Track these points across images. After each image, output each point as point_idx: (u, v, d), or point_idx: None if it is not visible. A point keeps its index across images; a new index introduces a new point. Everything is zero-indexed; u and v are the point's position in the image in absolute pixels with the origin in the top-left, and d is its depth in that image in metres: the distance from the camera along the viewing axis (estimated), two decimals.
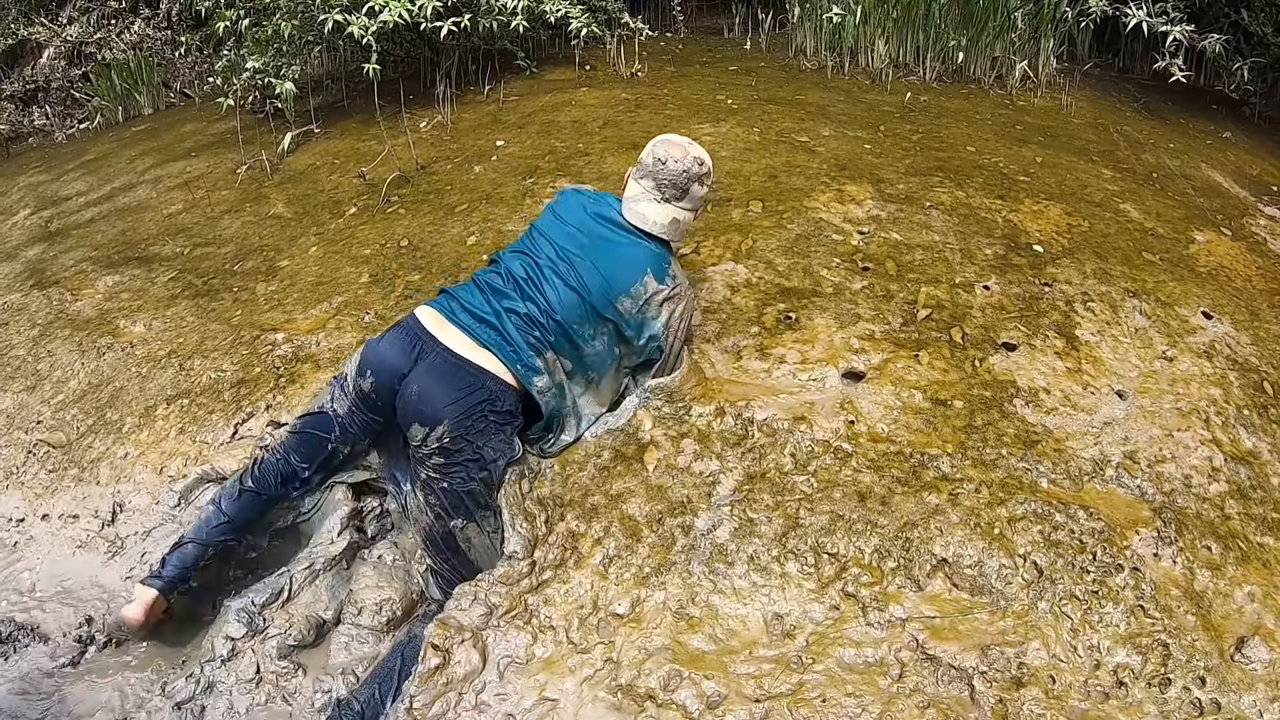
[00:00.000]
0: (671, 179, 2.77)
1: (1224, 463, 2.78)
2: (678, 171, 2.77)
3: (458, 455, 2.57)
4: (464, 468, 2.58)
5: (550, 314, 2.69)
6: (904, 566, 2.43)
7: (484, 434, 2.59)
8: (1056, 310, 3.22)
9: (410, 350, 2.64)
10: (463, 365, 2.61)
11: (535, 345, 2.67)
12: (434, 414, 2.56)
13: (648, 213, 2.79)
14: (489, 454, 2.61)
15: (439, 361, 2.61)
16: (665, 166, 2.77)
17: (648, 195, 2.79)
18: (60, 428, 3.41)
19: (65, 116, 7.80)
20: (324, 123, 5.43)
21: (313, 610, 2.73)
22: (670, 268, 2.80)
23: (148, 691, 2.63)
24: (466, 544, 2.63)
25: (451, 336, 2.66)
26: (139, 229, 4.70)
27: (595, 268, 2.73)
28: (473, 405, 2.57)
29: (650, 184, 2.79)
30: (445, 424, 2.55)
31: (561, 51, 6.07)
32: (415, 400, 2.58)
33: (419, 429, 2.58)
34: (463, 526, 2.61)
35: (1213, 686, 2.22)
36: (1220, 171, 4.69)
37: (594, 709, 2.23)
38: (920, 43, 5.56)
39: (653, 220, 2.79)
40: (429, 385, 2.58)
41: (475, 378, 2.60)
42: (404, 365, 2.63)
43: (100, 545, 3.03)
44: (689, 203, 2.83)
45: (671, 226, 2.82)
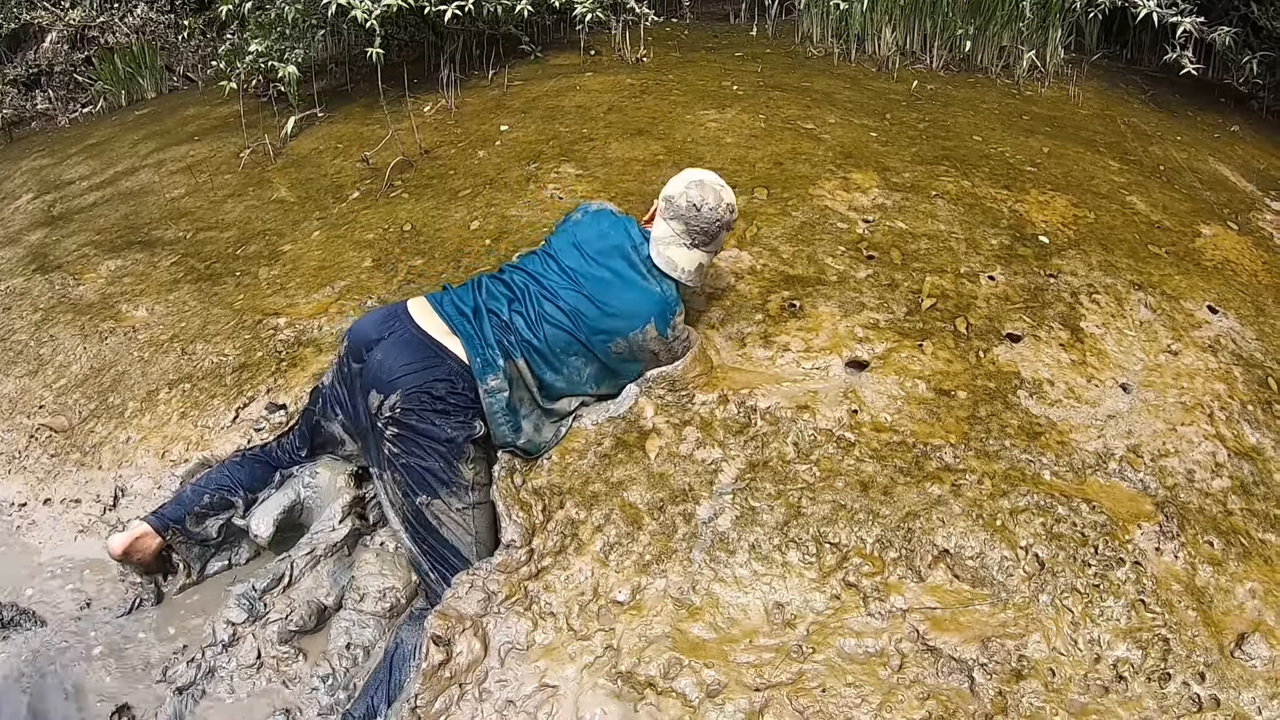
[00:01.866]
0: (704, 226, 2.73)
1: (1227, 458, 2.77)
2: (712, 220, 2.74)
3: (413, 428, 2.56)
4: (420, 443, 2.57)
5: (533, 329, 2.68)
6: (905, 557, 2.43)
7: (438, 411, 2.57)
8: (1061, 302, 3.21)
9: (385, 324, 2.66)
10: (427, 342, 2.62)
11: (505, 348, 2.65)
12: (390, 380, 2.56)
13: (677, 259, 2.75)
14: (446, 431, 2.58)
15: (406, 335, 2.63)
16: (700, 213, 2.72)
17: (678, 240, 2.74)
18: (62, 412, 3.41)
19: (68, 100, 7.79)
20: (327, 107, 5.41)
21: (314, 595, 2.73)
22: (674, 319, 2.77)
23: (149, 675, 2.63)
24: (437, 520, 2.59)
25: (428, 320, 2.68)
26: (141, 213, 4.69)
27: (598, 306, 2.70)
28: (428, 379, 2.57)
29: (681, 227, 2.73)
30: (399, 393, 2.55)
31: (566, 36, 6.04)
32: (376, 367, 2.60)
33: (375, 396, 2.58)
34: (428, 503, 2.59)
35: (1212, 682, 2.22)
36: (1228, 165, 4.66)
37: (594, 696, 2.23)
38: (927, 31, 5.53)
39: (681, 267, 2.76)
40: (391, 353, 2.60)
41: (436, 355, 2.60)
42: (375, 336, 2.64)
43: (102, 530, 3.03)
44: (714, 246, 2.82)
45: (697, 273, 2.80)
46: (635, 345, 2.73)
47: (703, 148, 4.14)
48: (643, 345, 2.74)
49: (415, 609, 2.67)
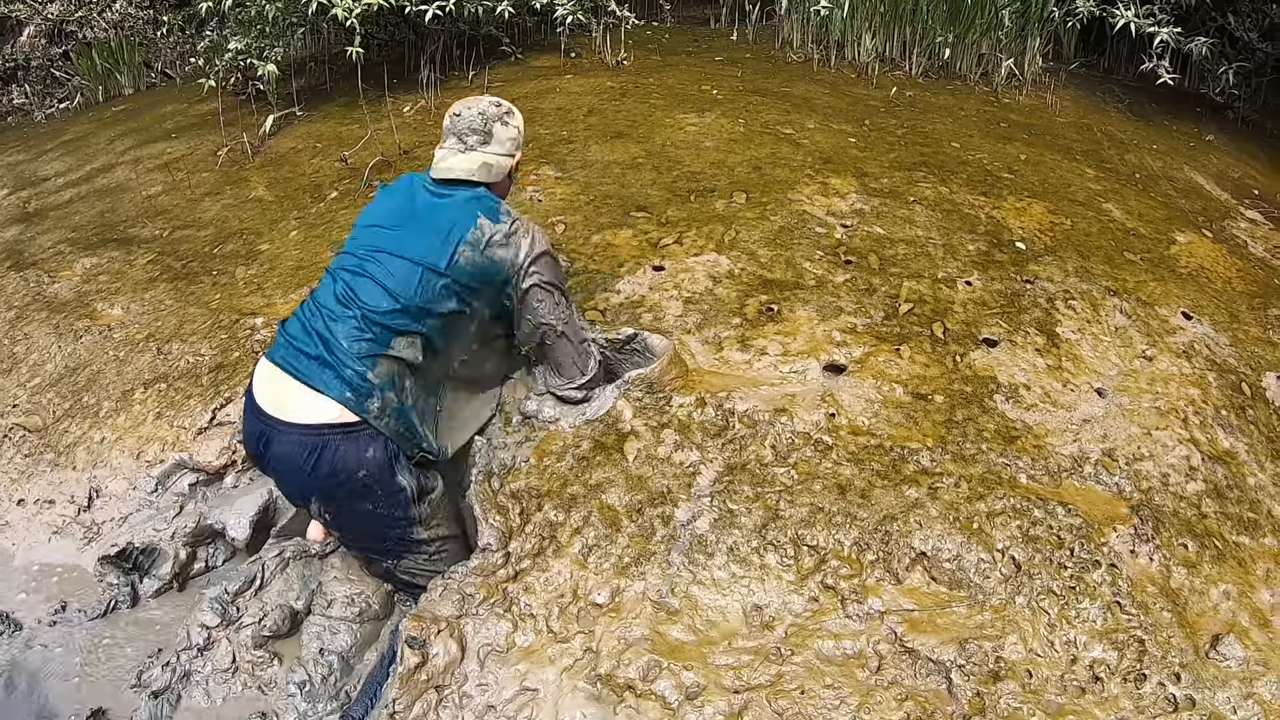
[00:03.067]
0: (469, 125, 2.63)
1: (1202, 462, 2.80)
2: (474, 115, 2.64)
3: (347, 519, 2.48)
4: (362, 525, 2.48)
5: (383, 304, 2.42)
6: (883, 559, 2.44)
7: (356, 495, 2.39)
8: (1038, 307, 3.23)
9: (259, 437, 2.41)
10: (302, 436, 2.34)
11: (372, 349, 2.39)
12: (300, 492, 2.46)
13: (454, 164, 2.62)
14: (380, 512, 2.43)
15: (281, 439, 2.36)
16: (460, 117, 2.65)
17: (453, 151, 2.64)
18: (36, 411, 3.38)
19: (45, 96, 7.72)
20: (306, 105, 5.38)
21: (285, 599, 2.71)
22: (501, 207, 2.61)
23: (124, 679, 2.61)
24: (410, 575, 2.58)
25: (282, 397, 2.38)
26: (118, 210, 4.65)
27: (420, 237, 2.50)
28: (325, 472, 2.35)
29: (453, 140, 2.65)
30: (315, 498, 2.43)
31: (547, 38, 6.03)
32: (281, 484, 2.53)
33: (300, 504, 2.53)
34: (394, 565, 2.57)
35: (1188, 682, 2.24)
36: (1203, 174, 4.71)
37: (574, 699, 2.23)
38: (907, 38, 5.57)
39: (460, 169, 2.61)
40: (281, 467, 2.41)
41: (316, 443, 2.33)
42: (260, 451, 2.43)
43: (76, 531, 3.00)
44: (498, 146, 2.66)
45: (482, 170, 2.63)
46: (482, 243, 2.51)
47: (682, 151, 4.15)
48: (489, 239, 2.53)
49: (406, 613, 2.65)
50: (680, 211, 3.66)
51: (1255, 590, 2.50)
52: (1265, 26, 5.47)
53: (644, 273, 3.33)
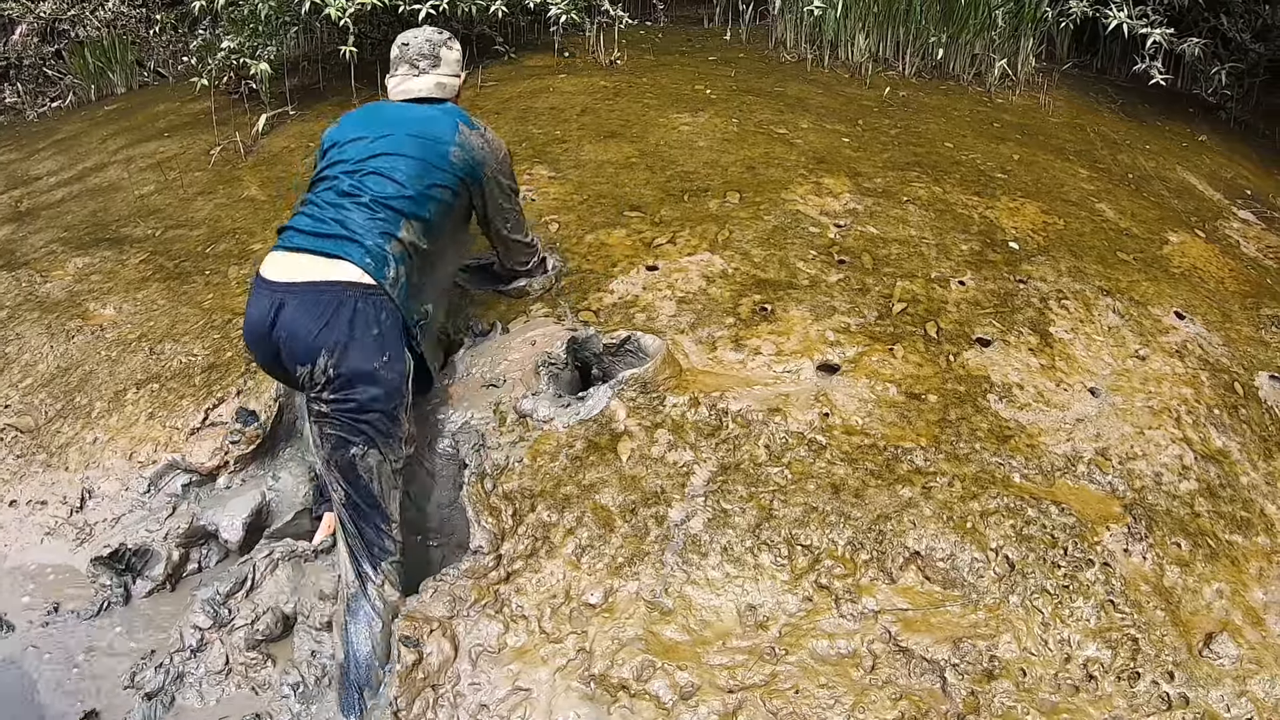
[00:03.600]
0: (419, 51, 2.91)
1: (1194, 461, 2.80)
2: (421, 42, 2.93)
3: (348, 380, 2.47)
4: (358, 392, 2.48)
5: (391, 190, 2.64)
6: (877, 559, 2.44)
7: (369, 350, 2.48)
8: (1031, 307, 3.24)
9: (268, 308, 2.51)
10: (319, 291, 2.49)
11: (386, 228, 2.59)
12: (308, 349, 2.47)
13: (413, 85, 2.90)
14: (382, 374, 2.50)
15: (295, 301, 2.49)
16: (408, 46, 2.93)
17: (407, 76, 2.92)
18: (28, 412, 3.37)
19: (37, 94, 7.69)
20: (299, 105, 5.37)
21: (276, 602, 2.70)
22: (470, 117, 2.87)
23: (117, 680, 2.60)
24: (369, 473, 2.51)
25: (300, 268, 2.54)
26: (110, 210, 4.63)
27: (415, 140, 2.72)
28: (344, 324, 2.47)
29: (405, 68, 2.92)
30: (323, 353, 2.46)
31: (540, 38, 6.03)
32: (289, 344, 2.49)
33: (303, 369, 2.49)
34: (363, 454, 2.50)
35: (1181, 681, 2.24)
36: (1195, 174, 4.72)
37: (567, 699, 2.23)
38: (900, 38, 5.57)
39: (421, 89, 2.89)
40: (294, 326, 2.47)
41: (335, 296, 2.49)
42: (268, 323, 2.50)
43: (69, 532, 2.99)
44: (446, 68, 2.95)
45: (438, 89, 2.92)
46: (468, 146, 2.78)
47: (675, 150, 4.15)
48: (470, 141, 2.79)
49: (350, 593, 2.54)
50: (674, 211, 3.66)
51: (1248, 589, 2.51)
52: (1258, 27, 5.48)
53: (637, 272, 3.33)
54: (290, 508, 2.97)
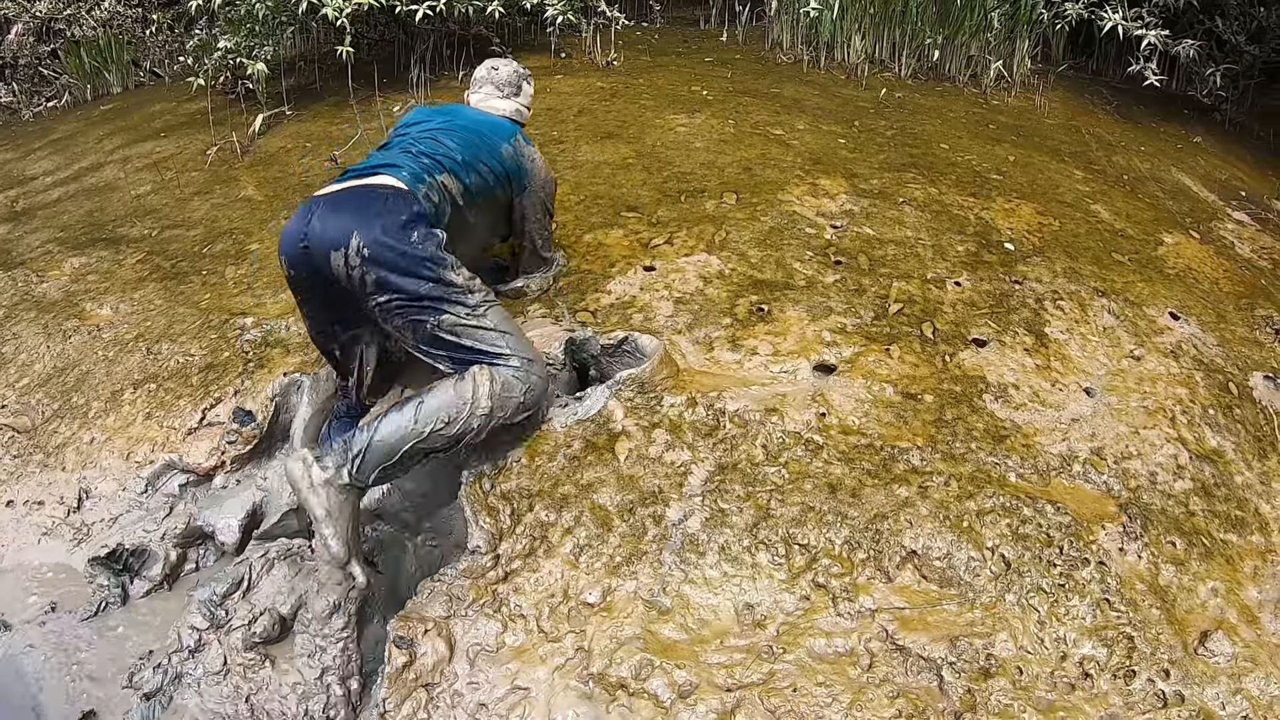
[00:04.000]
0: (507, 79, 3.23)
1: (1189, 460, 2.82)
2: (510, 72, 3.24)
3: (386, 260, 2.55)
4: (400, 272, 2.56)
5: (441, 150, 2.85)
6: (874, 558, 2.45)
7: (400, 230, 2.57)
8: (1026, 308, 3.25)
9: (305, 213, 2.63)
10: (352, 190, 2.66)
11: (427, 168, 2.77)
12: (340, 230, 2.55)
13: (498, 105, 3.20)
14: (418, 248, 2.58)
15: (331, 199, 2.64)
16: (498, 72, 3.23)
17: (492, 96, 3.22)
18: (25, 412, 3.36)
19: (33, 94, 7.68)
20: (296, 105, 5.37)
21: (273, 603, 2.69)
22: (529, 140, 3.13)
23: (115, 680, 2.60)
24: (454, 335, 2.61)
25: (343, 182, 2.73)
26: (107, 210, 4.63)
27: (480, 125, 3.01)
28: (375, 209, 2.58)
29: (490, 88, 3.23)
30: (356, 233, 2.53)
31: (537, 39, 6.03)
32: (321, 233, 2.57)
33: (336, 255, 2.55)
34: (438, 323, 2.59)
35: (1176, 679, 2.25)
36: (1190, 175, 4.74)
37: (566, 698, 2.23)
38: (897, 39, 5.59)
39: (501, 109, 3.19)
40: (328, 215, 2.59)
41: (368, 190, 2.64)
42: (303, 224, 2.61)
43: (66, 532, 2.99)
44: (524, 99, 3.28)
45: (516, 114, 3.22)
46: (518, 151, 3.03)
47: (672, 152, 4.16)
48: (521, 150, 3.04)
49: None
50: (671, 212, 3.67)
51: (1243, 587, 2.52)
52: (1252, 29, 5.51)
53: (635, 273, 3.34)
54: (277, 509, 2.97)
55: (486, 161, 2.93)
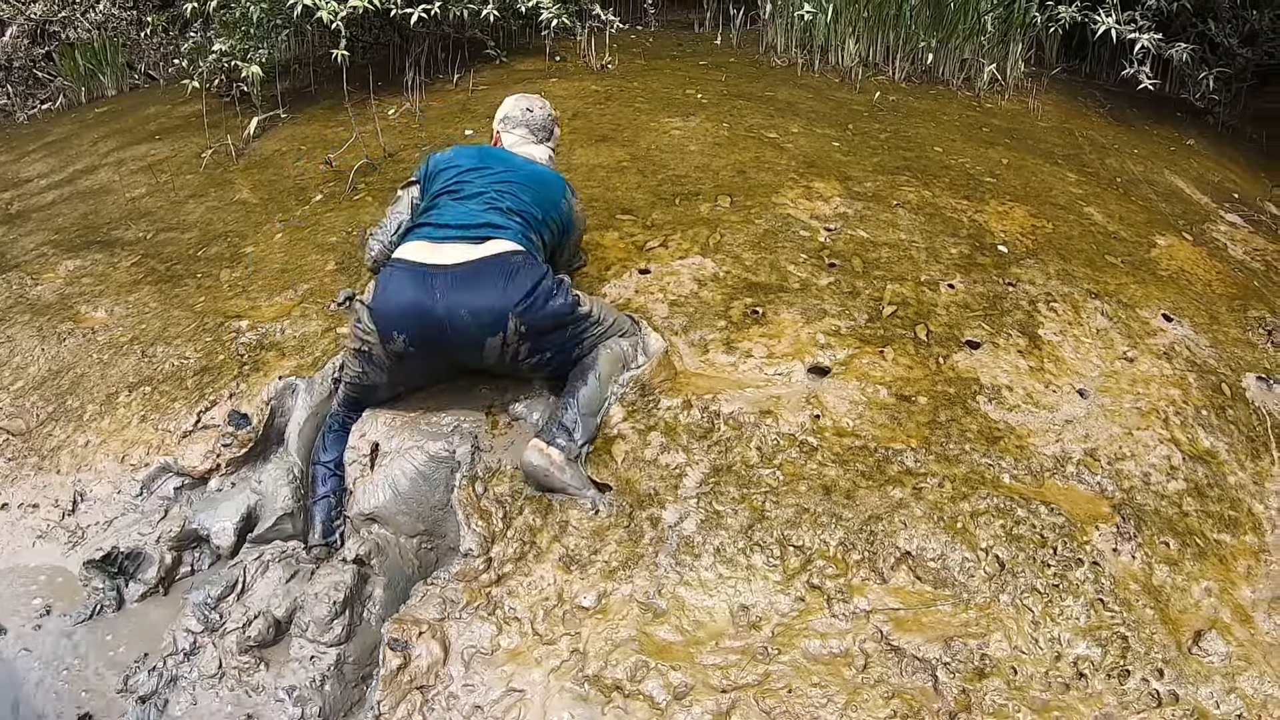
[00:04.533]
0: (541, 123, 3.31)
1: (1182, 461, 2.83)
2: (544, 115, 3.33)
3: (539, 329, 2.72)
4: (551, 333, 2.75)
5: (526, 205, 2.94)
6: (868, 559, 2.45)
7: (544, 299, 2.71)
8: (1020, 310, 3.26)
9: (425, 287, 2.66)
10: (481, 262, 2.70)
11: (524, 227, 2.88)
12: (495, 316, 2.64)
13: (534, 153, 3.24)
14: (559, 306, 2.75)
15: (460, 276, 2.67)
16: (533, 114, 3.31)
17: (528, 140, 3.28)
18: (20, 415, 3.36)
19: (27, 96, 7.67)
20: (291, 108, 5.37)
21: (268, 606, 2.69)
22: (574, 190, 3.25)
23: (110, 684, 2.60)
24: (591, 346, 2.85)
25: (453, 254, 2.73)
26: (101, 212, 4.63)
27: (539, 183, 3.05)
28: (518, 284, 2.67)
29: (525, 131, 3.29)
30: (511, 315, 2.65)
31: (532, 42, 6.04)
32: (469, 319, 2.64)
33: (493, 340, 2.67)
34: (580, 350, 2.83)
35: (1171, 678, 2.26)
36: (1183, 177, 4.76)
37: (561, 700, 2.23)
38: (890, 42, 5.60)
39: (536, 155, 3.24)
40: (470, 298, 2.65)
41: (499, 261, 2.70)
42: (429, 303, 2.65)
43: (61, 535, 2.98)
44: (554, 143, 3.39)
45: (548, 161, 3.29)
46: (568, 210, 3.13)
47: (666, 155, 4.17)
48: (571, 209, 3.15)
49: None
50: (665, 215, 3.67)
51: (1236, 587, 2.53)
52: (1245, 32, 5.54)
53: (630, 276, 3.35)
54: (272, 513, 2.97)
55: (554, 216, 3.05)
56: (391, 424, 2.91)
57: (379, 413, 2.95)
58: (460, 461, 2.76)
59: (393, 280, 2.71)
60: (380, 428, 2.91)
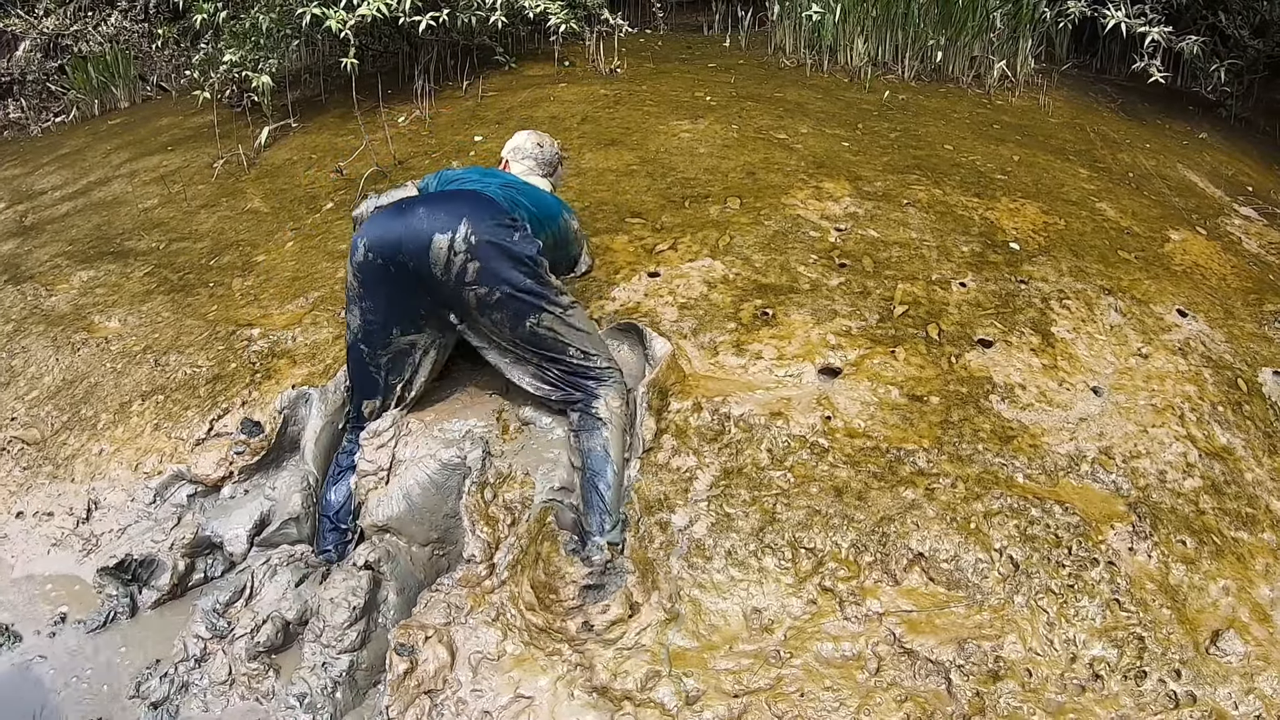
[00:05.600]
0: (549, 159, 3.36)
1: (1198, 458, 2.80)
2: (552, 154, 3.38)
3: (492, 255, 2.69)
4: (506, 267, 2.71)
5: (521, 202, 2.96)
6: (880, 561, 2.44)
7: (506, 229, 2.74)
8: (1032, 307, 3.24)
9: (401, 209, 2.76)
10: (457, 192, 2.84)
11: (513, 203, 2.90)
12: (449, 217, 2.69)
13: (538, 184, 3.28)
14: (521, 247, 2.74)
15: (435, 197, 2.82)
16: (544, 149, 3.35)
17: (534, 172, 3.32)
18: (35, 424, 3.38)
19: (41, 109, 7.73)
20: (301, 117, 5.39)
21: (278, 610, 2.70)
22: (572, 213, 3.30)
23: (123, 690, 2.61)
24: (551, 333, 2.74)
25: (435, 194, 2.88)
26: (114, 223, 4.66)
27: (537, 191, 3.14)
28: (484, 208, 2.74)
29: (533, 163, 3.33)
30: (466, 220, 2.68)
31: (540, 47, 6.05)
32: (426, 221, 2.70)
33: (440, 238, 2.67)
34: (538, 320, 2.72)
35: (1188, 679, 2.24)
36: (1196, 171, 4.72)
37: (570, 706, 2.23)
38: (899, 41, 5.58)
39: (542, 188, 3.26)
40: (434, 208, 2.74)
41: (473, 194, 2.81)
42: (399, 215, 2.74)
43: (75, 543, 3.00)
44: (557, 179, 3.42)
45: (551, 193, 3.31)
46: (564, 226, 3.18)
47: (676, 157, 4.16)
48: (568, 226, 3.21)
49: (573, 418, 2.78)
50: (675, 218, 3.67)
51: (1254, 585, 2.50)
52: (1256, 24, 5.49)
53: (639, 279, 3.34)
54: (279, 516, 2.97)
55: (550, 228, 3.09)
56: (406, 431, 2.91)
57: (395, 422, 2.95)
58: (471, 467, 2.76)
59: (369, 223, 2.83)
60: (400, 436, 2.92)
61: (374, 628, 2.64)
